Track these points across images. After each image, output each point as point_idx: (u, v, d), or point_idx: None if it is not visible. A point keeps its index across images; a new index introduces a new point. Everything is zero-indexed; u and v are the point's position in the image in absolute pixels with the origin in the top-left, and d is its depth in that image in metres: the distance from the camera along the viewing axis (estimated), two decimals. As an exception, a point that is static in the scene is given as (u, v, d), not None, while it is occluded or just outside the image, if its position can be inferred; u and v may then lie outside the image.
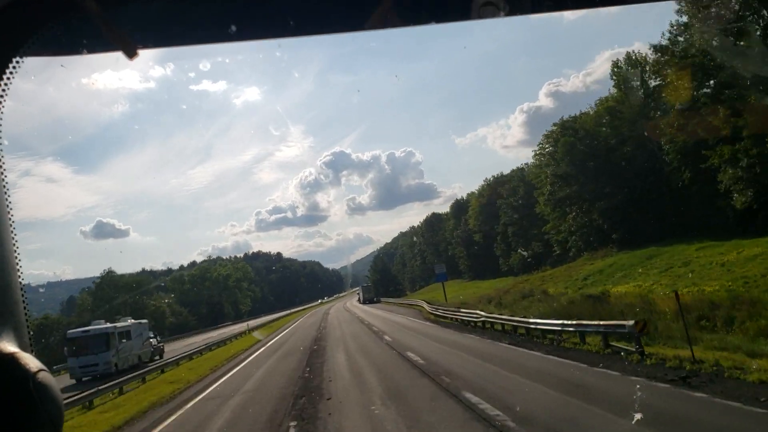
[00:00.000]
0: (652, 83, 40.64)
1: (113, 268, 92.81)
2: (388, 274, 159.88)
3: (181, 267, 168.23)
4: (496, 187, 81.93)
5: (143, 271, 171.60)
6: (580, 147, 44.19)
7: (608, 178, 42.50)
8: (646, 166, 40.11)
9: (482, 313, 26.23)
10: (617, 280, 31.37)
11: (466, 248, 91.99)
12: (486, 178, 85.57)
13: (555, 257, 61.98)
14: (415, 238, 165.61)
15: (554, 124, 53.11)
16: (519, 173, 74.92)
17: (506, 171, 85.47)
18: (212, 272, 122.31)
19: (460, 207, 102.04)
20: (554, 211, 51.79)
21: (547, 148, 54.04)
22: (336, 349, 25.59)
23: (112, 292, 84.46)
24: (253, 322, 71.63)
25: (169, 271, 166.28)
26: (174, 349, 43.75)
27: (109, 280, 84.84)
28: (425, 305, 44.55)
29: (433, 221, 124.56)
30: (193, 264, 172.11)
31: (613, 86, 42.14)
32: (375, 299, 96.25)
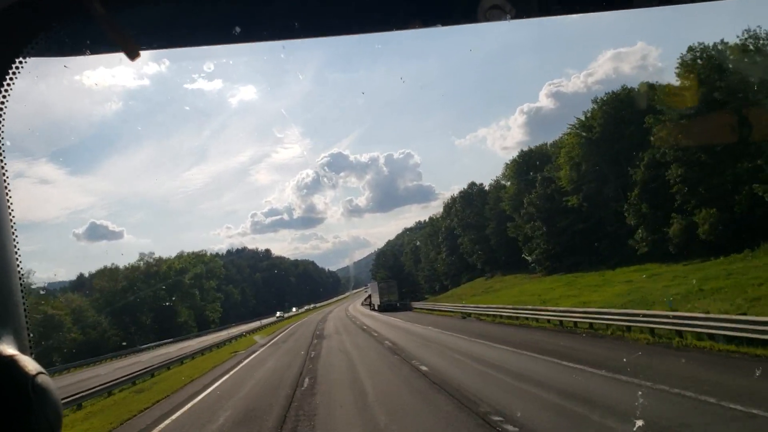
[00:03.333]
0: None
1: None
2: (401, 272, 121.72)
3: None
4: (619, 108, 46.82)
5: (105, 268, 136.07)
6: None
7: None
8: None
9: None
10: None
11: (548, 223, 56.81)
12: (596, 98, 50.18)
13: None
14: (419, 243, 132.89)
15: None
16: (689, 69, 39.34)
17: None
18: (161, 267, 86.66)
19: (527, 162, 66.63)
20: None
21: None
22: None
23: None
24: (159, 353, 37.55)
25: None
26: None
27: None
28: None
29: (473, 195, 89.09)
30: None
31: None
32: (398, 304, 61.10)
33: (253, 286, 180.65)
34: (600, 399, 10.03)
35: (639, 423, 7.82)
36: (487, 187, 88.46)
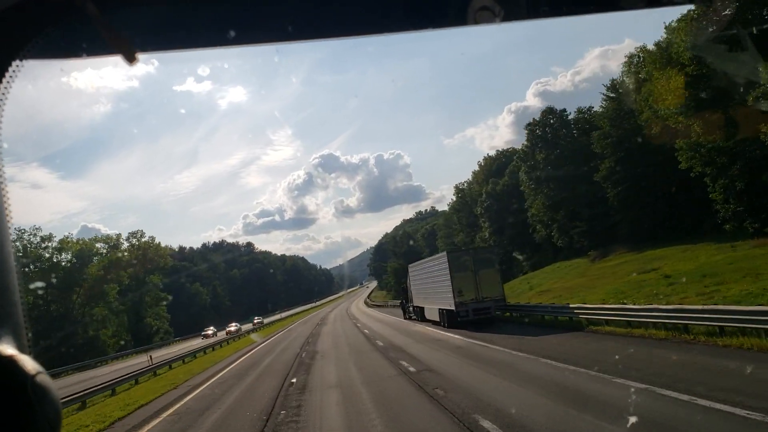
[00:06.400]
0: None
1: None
2: (416, 258, 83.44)
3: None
4: None
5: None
6: None
7: None
8: None
9: None
10: None
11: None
12: None
13: None
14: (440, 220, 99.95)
15: None
16: None
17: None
18: (45, 251, 52.99)
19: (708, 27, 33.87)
20: None
21: None
22: None
23: None
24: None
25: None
26: None
27: None
28: None
29: (552, 126, 55.69)
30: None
31: None
32: (495, 309, 27.28)
33: (230, 284, 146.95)
34: None
35: None
36: (571, 116, 55.79)
